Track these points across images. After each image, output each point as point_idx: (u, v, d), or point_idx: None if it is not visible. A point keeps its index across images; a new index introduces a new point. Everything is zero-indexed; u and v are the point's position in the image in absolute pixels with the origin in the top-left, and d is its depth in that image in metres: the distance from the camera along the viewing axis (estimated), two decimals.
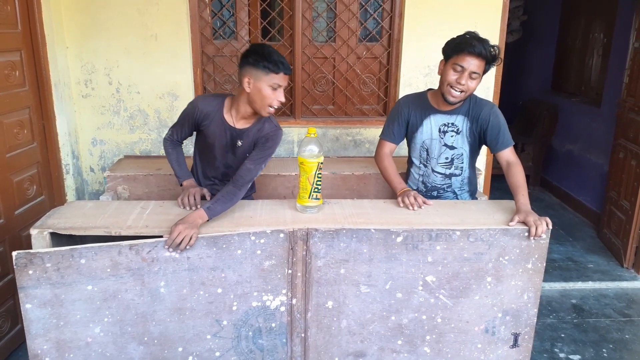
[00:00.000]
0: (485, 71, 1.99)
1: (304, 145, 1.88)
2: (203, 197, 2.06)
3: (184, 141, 2.18)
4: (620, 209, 3.68)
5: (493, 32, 3.14)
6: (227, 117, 2.02)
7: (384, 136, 2.25)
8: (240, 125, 2.03)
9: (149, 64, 3.03)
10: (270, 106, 1.92)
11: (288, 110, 3.32)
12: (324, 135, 3.26)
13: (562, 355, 2.66)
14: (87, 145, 3.15)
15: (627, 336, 2.84)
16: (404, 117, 2.18)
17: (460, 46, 1.94)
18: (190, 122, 2.06)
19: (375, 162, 2.28)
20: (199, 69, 3.10)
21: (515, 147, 2.10)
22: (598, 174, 4.39)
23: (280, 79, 1.88)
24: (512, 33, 5.54)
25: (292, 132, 3.25)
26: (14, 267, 1.63)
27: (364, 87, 3.32)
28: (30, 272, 1.64)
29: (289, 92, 3.27)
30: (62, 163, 2.91)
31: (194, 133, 2.15)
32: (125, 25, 2.96)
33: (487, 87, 3.24)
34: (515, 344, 1.96)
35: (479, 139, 2.15)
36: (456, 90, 1.98)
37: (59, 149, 2.87)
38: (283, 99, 1.93)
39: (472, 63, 1.92)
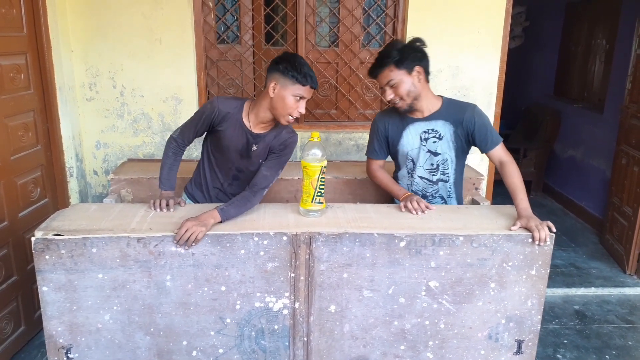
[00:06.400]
0: (409, 67, 2.02)
1: (308, 149, 1.89)
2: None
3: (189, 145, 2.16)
4: (622, 215, 3.67)
5: (495, 37, 3.16)
6: (245, 120, 2.03)
7: (369, 154, 2.30)
8: (257, 129, 2.04)
9: (153, 67, 3.04)
10: (290, 115, 1.95)
11: None
12: (326, 139, 3.26)
13: None
14: (90, 148, 3.16)
15: (629, 343, 2.83)
16: (382, 133, 2.22)
17: (369, 71, 2.11)
18: (206, 122, 2.03)
19: (369, 178, 2.32)
20: (203, 73, 3.11)
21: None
22: (600, 180, 4.39)
23: (305, 91, 1.92)
24: (514, 39, 5.56)
25: None
26: (33, 251, 1.70)
27: (366, 92, 3.33)
28: (47, 257, 1.71)
29: None
30: (66, 166, 2.92)
31: (203, 135, 2.13)
32: (130, 29, 2.98)
33: (489, 92, 3.24)
34: (518, 350, 1.95)
35: (466, 142, 2.15)
36: (395, 102, 2.08)
37: (63, 151, 2.88)
38: (303, 111, 1.97)
39: (381, 78, 2.07)
